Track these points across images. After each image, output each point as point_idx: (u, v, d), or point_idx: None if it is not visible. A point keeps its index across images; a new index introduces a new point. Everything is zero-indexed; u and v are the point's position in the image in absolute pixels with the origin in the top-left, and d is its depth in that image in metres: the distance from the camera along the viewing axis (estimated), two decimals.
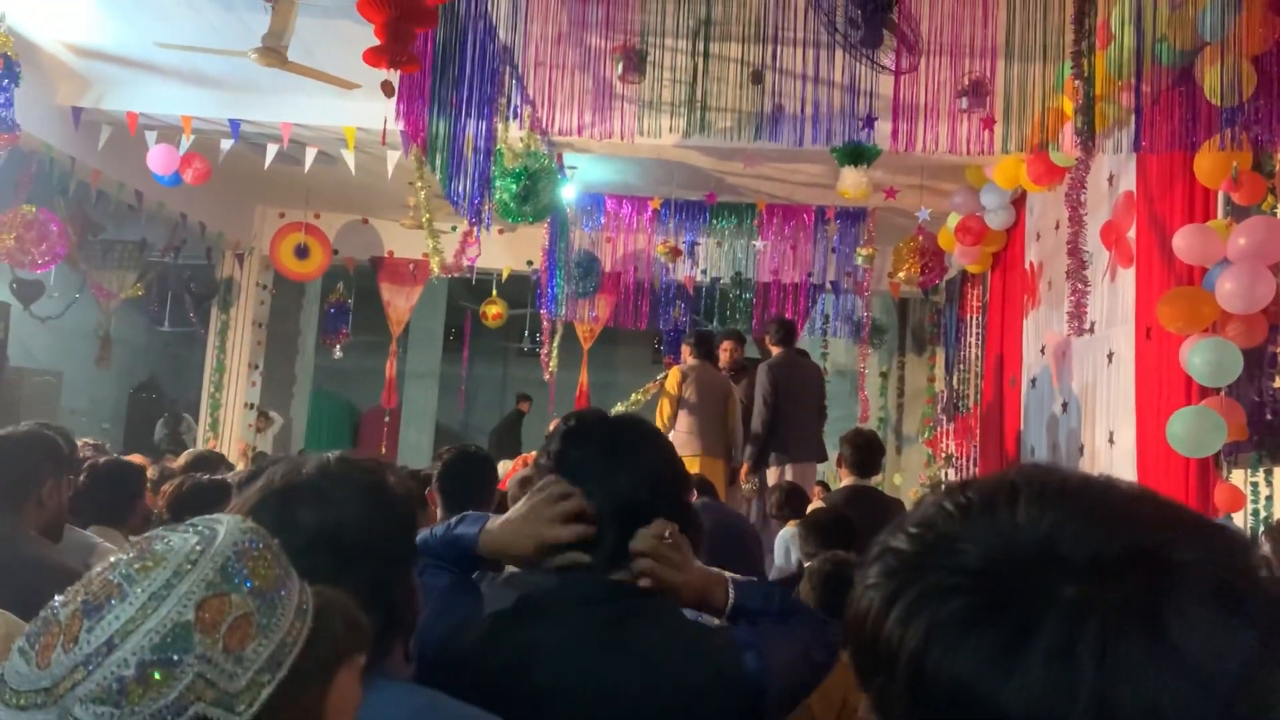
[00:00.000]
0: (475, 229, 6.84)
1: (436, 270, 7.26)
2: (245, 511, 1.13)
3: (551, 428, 4.31)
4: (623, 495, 1.41)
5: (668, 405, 6.43)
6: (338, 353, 10.07)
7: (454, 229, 8.17)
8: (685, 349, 6.75)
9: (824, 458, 6.42)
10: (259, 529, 0.86)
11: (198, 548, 0.80)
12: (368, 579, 1.11)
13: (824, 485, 7.04)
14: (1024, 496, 0.57)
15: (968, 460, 7.94)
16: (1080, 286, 5.02)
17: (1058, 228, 5.93)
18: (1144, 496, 0.59)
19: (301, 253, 9.35)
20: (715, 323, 9.04)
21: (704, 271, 8.94)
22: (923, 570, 0.56)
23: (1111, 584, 0.53)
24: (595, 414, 1.55)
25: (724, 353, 7.04)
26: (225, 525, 0.84)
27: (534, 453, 5.66)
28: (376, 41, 3.73)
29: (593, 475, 1.42)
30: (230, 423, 9.71)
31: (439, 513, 3.16)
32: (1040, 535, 0.55)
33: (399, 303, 9.82)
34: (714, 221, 8.46)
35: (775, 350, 6.65)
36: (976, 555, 0.55)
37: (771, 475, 6.32)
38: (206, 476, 3.24)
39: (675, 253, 8.34)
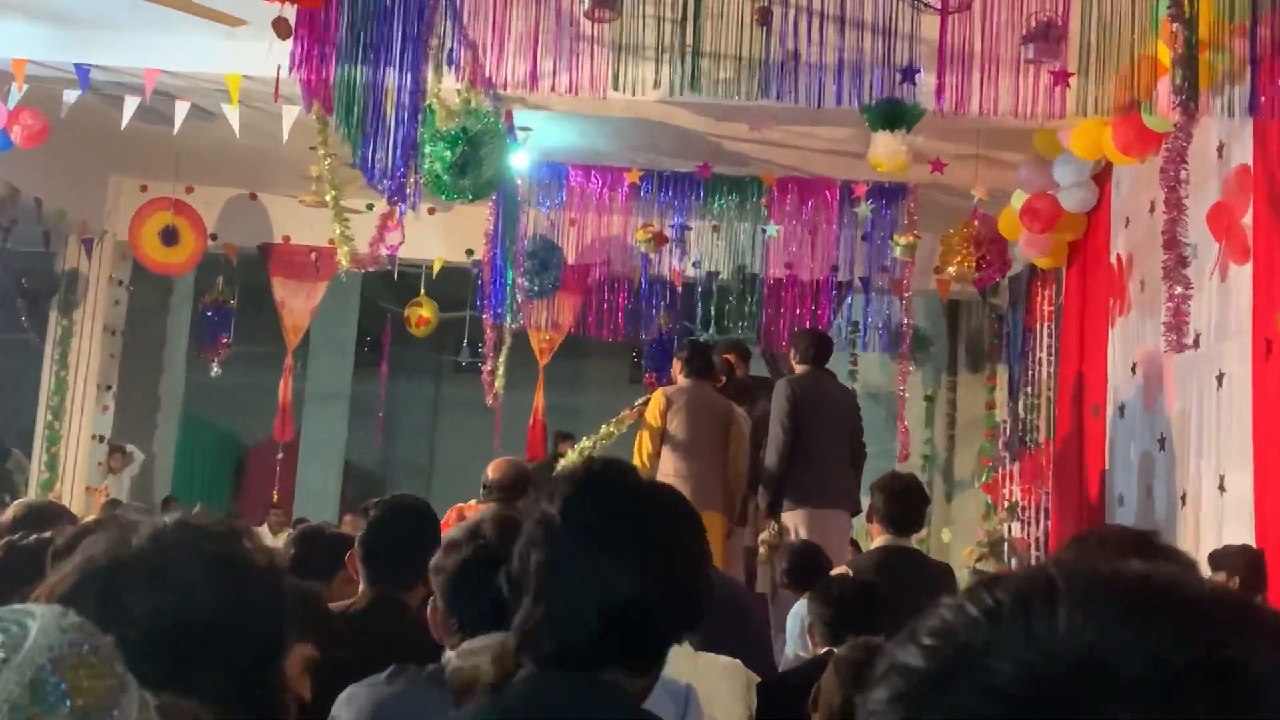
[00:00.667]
0: (398, 209, 6.82)
1: (345, 262, 7.24)
2: (60, 598, 1.12)
3: (495, 470, 4.31)
4: (631, 590, 1.44)
5: (648, 440, 6.42)
6: (216, 369, 10.01)
7: (370, 208, 8.15)
8: (676, 364, 6.77)
9: (857, 508, 6.42)
10: (85, 625, 0.84)
11: (0, 655, 0.79)
12: (224, 676, 1.12)
13: (855, 545, 7.05)
14: (1066, 597, 0.58)
15: (1037, 510, 7.97)
16: (1180, 288, 5.07)
17: (1152, 211, 5.99)
18: (1218, 595, 0.60)
19: (169, 237, 9.30)
20: (711, 331, 9.05)
21: (696, 264, 8.95)
22: (941, 694, 0.57)
23: (1175, 708, 0.53)
24: (617, 467, 1.59)
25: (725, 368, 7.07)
26: (38, 622, 0.82)
27: (474, 503, 5.65)
28: None
29: (599, 556, 1.45)
30: (74, 461, 9.62)
31: (361, 585, 3.14)
32: (1086, 646, 0.56)
33: (296, 304, 9.77)
34: (710, 200, 8.47)
35: (800, 369, 6.66)
36: (1007, 674, 0.56)
37: (788, 525, 6.34)
38: (34, 536, 3.19)
39: (660, 240, 8.35)
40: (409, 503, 3.29)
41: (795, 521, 6.32)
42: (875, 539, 4.79)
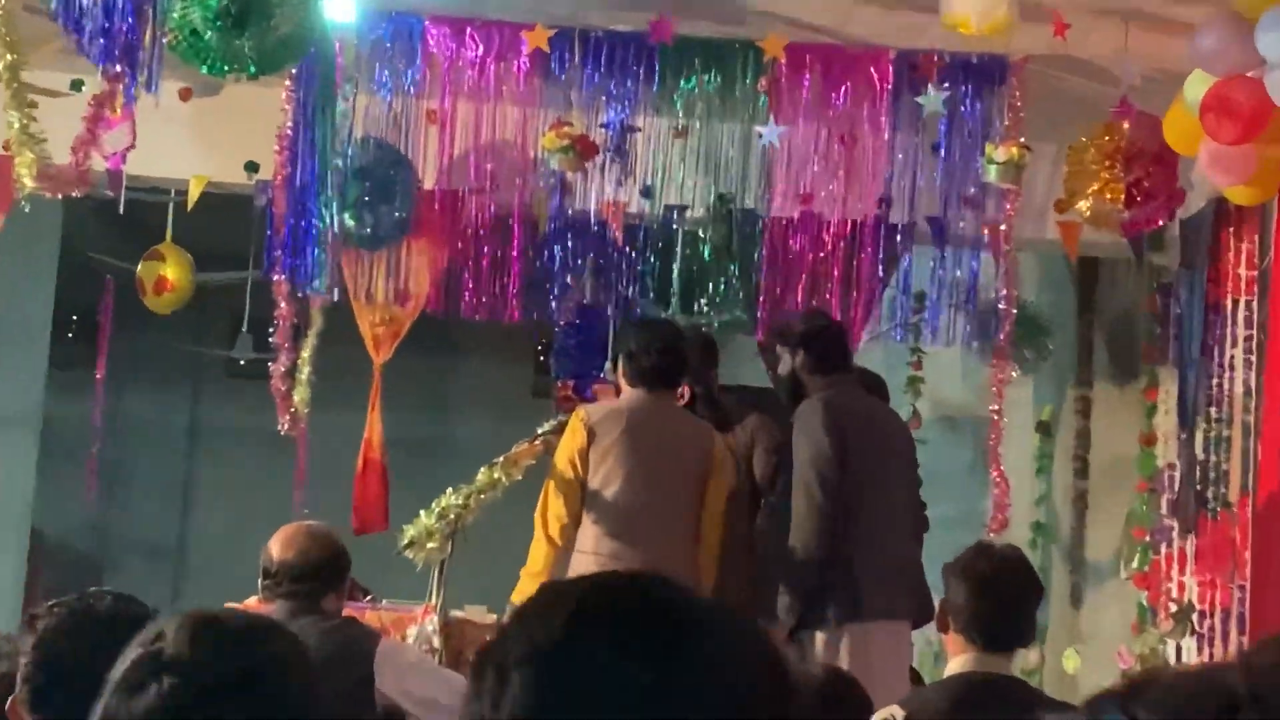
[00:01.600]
0: (126, 90, 6.79)
1: (30, 182, 7.19)
2: None
3: (287, 545, 4.45)
4: None
5: (558, 496, 6.43)
6: None
7: (78, 88, 8.10)
8: (617, 366, 6.81)
9: (928, 613, 6.51)
10: None
11: None
12: None
13: (915, 675, 7.13)
14: (1254, 716, 0.61)
15: (1227, 617, 8.06)
16: None
17: None
18: None
19: None
20: (673, 307, 9.07)
21: (647, 194, 8.98)
22: None
23: None
24: (660, 585, 1.66)
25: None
26: None
27: (255, 600, 5.64)
28: None
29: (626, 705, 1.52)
30: None
31: None
32: None
33: None
34: (670, 82, 8.50)
35: (817, 382, 6.69)
36: None
37: (823, 649, 6.45)
38: None
39: (586, 150, 8.35)
40: (106, 606, 3.31)
41: (834, 644, 6.42)
42: (952, 659, 4.84)
